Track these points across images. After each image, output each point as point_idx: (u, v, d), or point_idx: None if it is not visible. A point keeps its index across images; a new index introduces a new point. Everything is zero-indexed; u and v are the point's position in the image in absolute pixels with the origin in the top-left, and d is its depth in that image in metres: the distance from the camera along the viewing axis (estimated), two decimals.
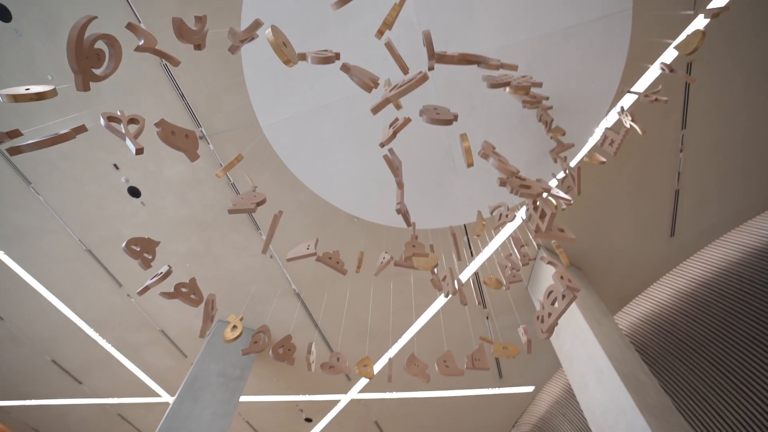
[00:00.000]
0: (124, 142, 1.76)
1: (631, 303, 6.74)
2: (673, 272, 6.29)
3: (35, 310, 6.84)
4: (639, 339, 6.49)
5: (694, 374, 5.51)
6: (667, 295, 6.32)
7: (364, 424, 8.38)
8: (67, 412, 9.07)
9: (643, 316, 6.57)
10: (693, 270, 6.11)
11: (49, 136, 1.56)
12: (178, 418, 5.23)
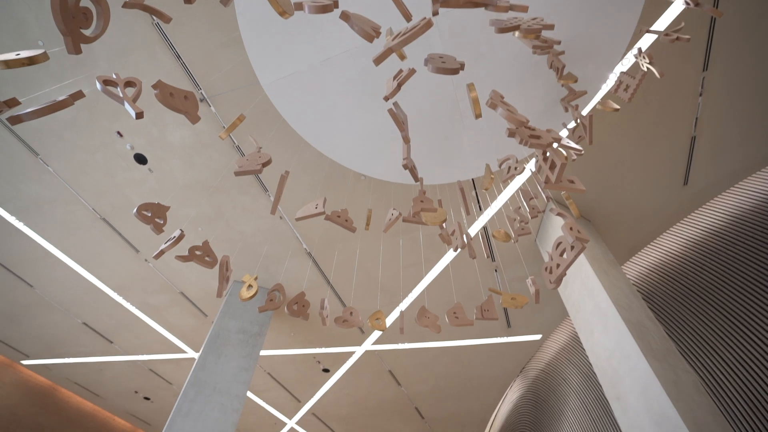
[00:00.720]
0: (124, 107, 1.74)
1: (640, 253, 6.76)
2: (684, 221, 6.24)
3: (61, 278, 7.14)
4: (646, 287, 6.58)
5: (699, 320, 5.63)
6: (676, 244, 6.31)
7: (379, 374, 8.87)
8: (102, 369, 9.74)
9: (650, 265, 6.61)
10: (704, 219, 6.04)
11: (48, 103, 1.53)
12: (205, 372, 5.58)
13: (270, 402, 10.15)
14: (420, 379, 9.00)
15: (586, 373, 7.46)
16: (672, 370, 3.91)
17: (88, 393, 10.94)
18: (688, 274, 5.98)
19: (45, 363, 9.79)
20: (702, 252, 5.94)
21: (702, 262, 5.88)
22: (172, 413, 5.10)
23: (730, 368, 5.10)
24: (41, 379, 10.51)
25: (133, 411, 11.50)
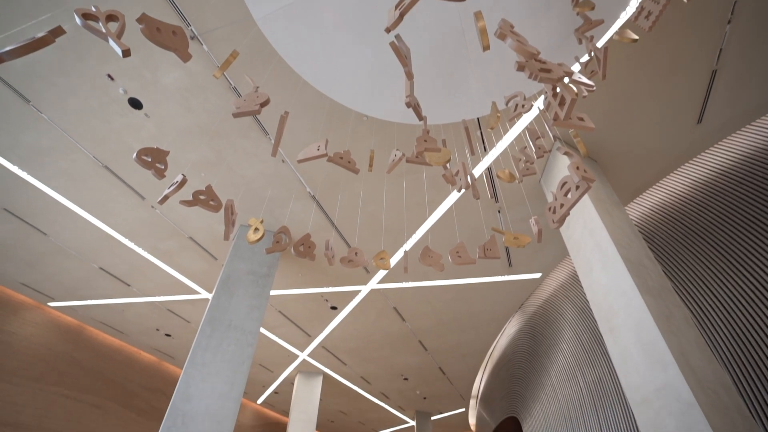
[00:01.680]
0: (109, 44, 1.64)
1: (644, 193, 6.72)
2: (692, 162, 6.12)
3: (72, 226, 7.31)
4: (648, 227, 6.64)
5: (697, 259, 5.74)
6: (682, 185, 6.25)
7: (384, 310, 9.34)
8: (124, 309, 10.33)
9: (654, 206, 6.61)
10: (714, 159, 5.91)
11: (27, 40, 1.45)
12: (219, 311, 5.90)
13: (282, 337, 10.84)
14: (423, 314, 9.49)
15: (581, 308, 7.81)
16: (665, 305, 4.07)
17: (113, 331, 11.71)
18: (691, 214, 5.99)
19: (70, 305, 10.36)
20: (707, 192, 5.90)
21: (706, 202, 5.86)
22: (193, 348, 5.48)
23: (720, 303, 5.30)
24: (69, 319, 11.20)
25: (156, 346, 12.38)
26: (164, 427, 4.78)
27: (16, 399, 9.74)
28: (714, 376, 3.64)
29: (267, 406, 17.16)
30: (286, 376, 13.46)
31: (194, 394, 5.11)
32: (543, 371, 9.15)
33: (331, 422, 18.77)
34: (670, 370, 3.51)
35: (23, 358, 10.02)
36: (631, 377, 3.98)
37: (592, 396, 7.09)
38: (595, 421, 6.86)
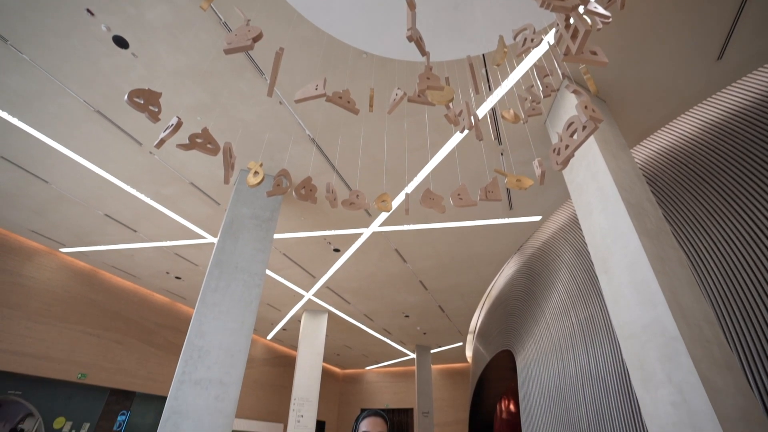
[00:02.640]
0: None
1: (652, 136, 6.55)
2: (706, 102, 5.87)
3: (72, 173, 7.27)
4: (652, 170, 6.56)
5: (698, 203, 5.74)
6: (692, 126, 6.06)
7: (386, 252, 9.59)
8: (133, 254, 10.63)
9: (661, 148, 6.47)
10: (728, 99, 5.66)
11: None
12: (225, 254, 6.07)
13: (288, 278, 11.27)
14: (424, 256, 9.76)
15: (578, 250, 7.99)
16: (661, 247, 4.15)
17: (125, 274, 12.16)
18: (698, 157, 5.88)
19: (81, 251, 10.66)
20: (718, 134, 5.73)
21: (715, 145, 5.71)
22: (202, 289, 5.72)
23: (715, 244, 5.40)
24: (82, 264, 11.59)
25: (167, 288, 12.93)
26: (182, 360, 5.15)
27: (44, 336, 10.41)
28: (700, 312, 3.81)
29: (276, 341, 18.34)
30: (293, 315, 14.21)
31: (207, 331, 5.43)
32: (538, 309, 9.60)
33: (337, 355, 20.17)
34: (659, 308, 3.67)
35: (44, 299, 10.54)
36: (622, 314, 4.18)
37: (583, 331, 7.50)
38: (584, 354, 7.33)
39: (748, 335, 4.79)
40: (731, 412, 3.19)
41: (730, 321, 5.00)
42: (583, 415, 7.09)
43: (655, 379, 3.67)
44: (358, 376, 23.50)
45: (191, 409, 4.92)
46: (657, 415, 3.64)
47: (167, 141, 2.18)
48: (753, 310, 4.80)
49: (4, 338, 9.59)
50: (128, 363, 12.35)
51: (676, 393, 3.42)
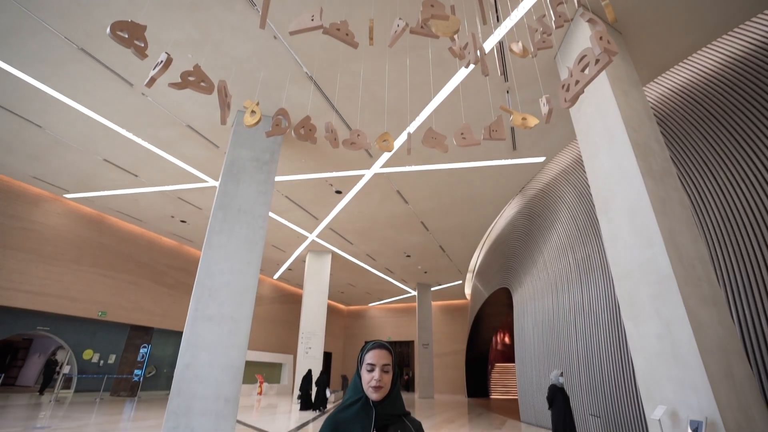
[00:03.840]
0: None
1: (668, 72, 6.20)
2: (732, 33, 5.46)
3: (65, 117, 7.07)
4: (664, 109, 6.30)
5: (708, 144, 5.57)
6: (713, 61, 5.69)
7: (388, 193, 9.62)
8: (137, 199, 10.70)
9: (676, 86, 6.15)
10: (754, 30, 5.25)
11: None
12: (227, 197, 6.10)
13: (291, 220, 11.44)
14: (426, 197, 9.80)
15: (580, 192, 7.98)
16: (664, 189, 4.12)
17: (132, 219, 12.35)
18: (715, 95, 5.61)
19: (85, 196, 10.73)
20: (741, 69, 5.39)
21: (736, 81, 5.41)
22: (208, 232, 5.83)
23: (719, 187, 5.35)
24: (88, 209, 11.73)
25: (174, 232, 13.20)
26: (194, 299, 5.41)
27: (62, 278, 10.86)
28: (695, 252, 3.89)
29: (283, 280, 19.11)
30: (298, 255, 14.65)
31: (215, 272, 5.63)
32: (536, 249, 9.83)
33: (341, 293, 21.13)
34: (656, 248, 3.74)
35: (57, 243, 10.84)
36: (619, 254, 4.27)
37: (579, 271, 7.75)
38: (579, 291, 7.64)
39: (738, 273, 4.94)
40: (711, 343, 3.39)
41: (723, 259, 5.12)
42: (573, 346, 7.57)
43: (644, 314, 3.85)
44: (362, 312, 24.82)
45: (206, 342, 5.27)
46: (642, 346, 3.88)
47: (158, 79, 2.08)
48: (747, 249, 4.90)
49: (25, 280, 10.02)
50: (144, 302, 13.01)
51: (663, 326, 3.61)
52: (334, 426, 1.08)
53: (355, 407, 1.11)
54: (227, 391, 5.14)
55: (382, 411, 1.10)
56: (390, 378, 1.13)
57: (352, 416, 1.09)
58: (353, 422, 1.08)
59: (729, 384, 3.26)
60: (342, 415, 1.10)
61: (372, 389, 1.10)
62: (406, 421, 1.14)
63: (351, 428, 1.07)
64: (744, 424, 3.13)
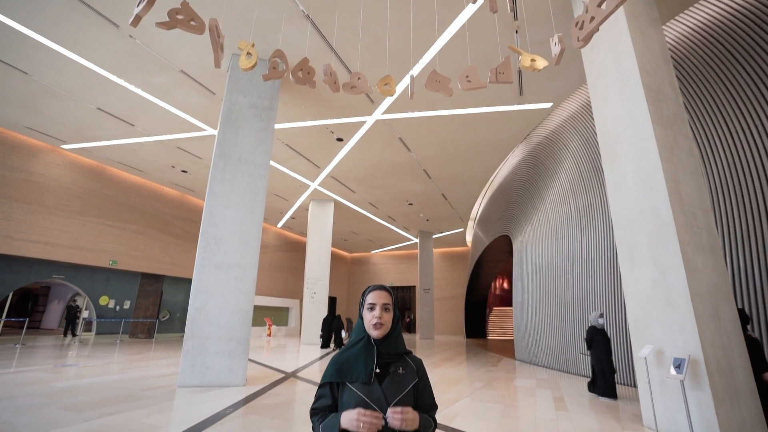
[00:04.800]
0: None
1: (691, 8, 5.75)
2: None
3: (51, 62, 6.76)
4: (682, 51, 5.93)
5: (725, 88, 5.30)
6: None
7: (390, 141, 9.44)
8: (136, 149, 10.56)
9: (698, 24, 5.73)
10: None
11: None
12: (227, 146, 6.00)
13: (293, 169, 11.36)
14: (428, 144, 9.62)
15: (586, 139, 7.80)
16: (672, 135, 4.01)
17: (133, 170, 12.28)
18: (740, 35, 5.23)
19: (83, 147, 10.57)
20: None
21: (763, 18, 5.03)
22: (209, 181, 5.81)
23: (730, 135, 5.20)
24: (87, 160, 11.62)
25: (176, 182, 13.18)
26: (200, 247, 5.54)
27: (69, 228, 11.05)
28: (698, 201, 3.88)
29: (286, 229, 19.42)
30: (301, 204, 14.75)
31: (219, 221, 5.70)
32: (538, 197, 9.82)
33: (344, 240, 21.55)
34: (659, 196, 3.73)
35: (60, 194, 10.89)
36: (621, 202, 4.27)
37: (580, 218, 7.80)
38: (578, 238, 7.75)
39: (738, 222, 4.96)
40: (703, 288, 3.50)
41: (725, 207, 5.12)
42: (569, 290, 7.84)
43: (641, 260, 3.94)
44: (365, 258, 25.50)
45: (215, 289, 5.48)
46: (636, 290, 4.01)
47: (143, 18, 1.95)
48: (750, 198, 4.87)
49: (33, 231, 10.21)
50: (152, 251, 13.34)
51: (658, 272, 3.71)
52: (339, 364, 1.14)
53: (358, 346, 1.15)
54: (238, 333, 5.44)
55: (384, 350, 1.15)
56: (390, 317, 1.17)
57: (355, 355, 1.14)
58: (356, 360, 1.12)
59: (714, 326, 3.41)
60: (346, 354, 1.15)
61: (373, 327, 1.14)
62: (407, 359, 1.19)
63: (355, 366, 1.12)
64: (723, 361, 3.32)
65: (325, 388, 1.14)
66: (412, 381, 1.15)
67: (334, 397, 1.12)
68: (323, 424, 1.08)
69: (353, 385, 1.09)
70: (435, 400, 1.21)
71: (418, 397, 1.15)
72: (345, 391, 1.10)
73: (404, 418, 1.01)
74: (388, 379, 1.12)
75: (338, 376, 1.12)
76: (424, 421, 1.09)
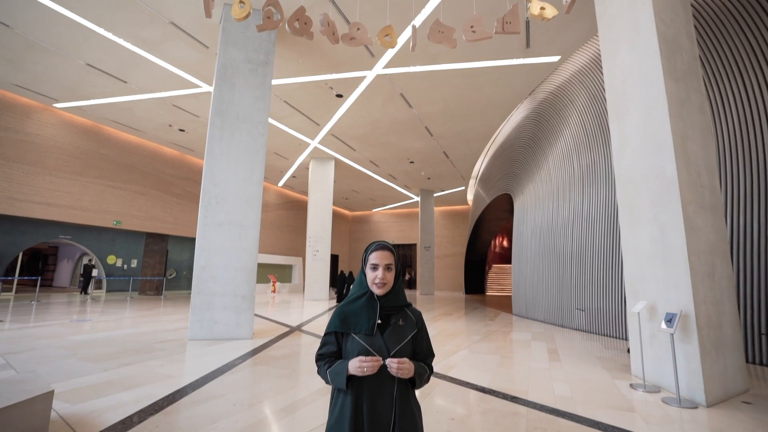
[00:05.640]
0: None
1: None
2: None
3: (33, 14, 6.41)
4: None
5: (744, 40, 5.02)
6: None
7: (391, 97, 9.16)
8: (130, 107, 10.29)
9: None
10: None
11: None
12: (224, 103, 5.84)
13: (292, 127, 11.14)
14: (431, 101, 9.35)
15: (593, 95, 7.53)
16: (685, 90, 3.87)
17: (129, 129, 12.04)
18: None
19: (76, 105, 10.29)
20: None
21: None
22: (208, 140, 5.72)
23: (744, 90, 5.00)
24: (82, 119, 11.37)
25: (174, 141, 12.98)
26: (202, 206, 5.56)
27: (71, 189, 11.05)
28: (704, 159, 3.81)
29: (287, 187, 19.40)
30: (301, 162, 14.61)
31: (220, 180, 5.68)
32: (541, 155, 9.68)
33: (345, 199, 21.59)
34: (665, 154, 3.66)
35: (57, 155, 10.77)
36: (626, 159, 4.20)
37: (582, 177, 7.73)
38: (580, 197, 7.72)
39: (743, 180, 4.91)
40: (701, 246, 3.53)
41: (731, 166, 5.05)
42: (568, 248, 7.95)
43: (642, 219, 3.95)
44: (366, 217, 25.68)
45: (218, 247, 5.57)
46: (635, 249, 4.06)
47: None
48: (758, 156, 4.79)
49: (35, 192, 10.23)
50: (155, 211, 13.42)
51: (657, 231, 3.73)
52: (343, 316, 1.20)
53: (361, 300, 1.21)
54: (243, 290, 5.61)
55: (386, 303, 1.20)
56: (392, 275, 1.21)
57: (358, 309, 1.19)
58: (359, 313, 1.19)
59: (709, 282, 3.48)
60: (349, 307, 1.21)
61: (376, 286, 1.19)
62: (407, 311, 1.25)
63: (358, 319, 1.18)
64: (714, 316, 3.43)
65: (331, 336, 1.21)
66: (412, 332, 1.21)
67: (338, 345, 1.20)
68: (331, 369, 1.16)
69: (357, 335, 1.16)
70: (432, 349, 1.28)
71: (417, 346, 1.23)
72: (349, 340, 1.18)
73: (400, 368, 1.09)
74: (389, 329, 1.18)
75: (342, 326, 1.19)
76: (419, 369, 1.17)
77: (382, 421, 1.10)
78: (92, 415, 2.59)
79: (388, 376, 1.12)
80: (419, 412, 1.20)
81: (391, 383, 1.13)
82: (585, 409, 2.97)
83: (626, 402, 3.20)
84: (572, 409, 2.96)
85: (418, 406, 1.20)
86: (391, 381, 1.13)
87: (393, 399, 1.12)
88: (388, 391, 1.13)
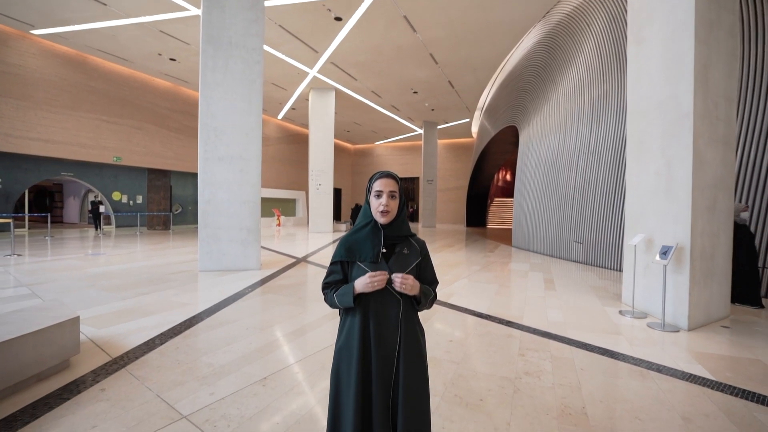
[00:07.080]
0: None
1: None
2: None
3: None
4: None
5: None
6: None
7: (393, 20, 8.47)
8: (115, 34, 9.60)
9: None
10: None
11: None
12: (214, 28, 5.44)
13: (289, 54, 10.49)
14: (436, 24, 8.67)
15: (613, 17, 6.92)
16: (717, 9, 3.55)
17: (116, 58, 11.36)
18: None
19: (55, 32, 9.60)
20: None
21: None
22: (201, 69, 5.44)
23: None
24: (64, 48, 10.68)
25: (165, 71, 12.32)
26: (201, 141, 5.46)
27: (65, 125, 10.78)
28: (723, 89, 3.61)
29: (287, 120, 18.84)
30: (300, 93, 14.02)
31: (217, 112, 5.51)
32: (551, 85, 9.18)
33: (347, 132, 21.07)
34: (683, 84, 3.46)
35: (45, 88, 10.32)
36: (642, 90, 4.00)
37: (592, 110, 7.40)
38: (587, 130, 7.48)
39: (760, 113, 4.70)
40: (707, 181, 3.49)
41: (751, 95, 4.80)
42: (571, 183, 7.91)
43: (650, 152, 3.86)
44: (368, 150, 25.27)
45: (221, 181, 5.58)
46: (638, 182, 4.03)
47: None
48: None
49: (29, 128, 9.99)
50: (153, 146, 13.21)
51: (664, 165, 3.67)
52: (349, 245, 1.23)
53: (366, 230, 1.23)
54: (248, 223, 5.74)
55: (390, 233, 1.23)
56: (396, 204, 1.23)
57: (363, 237, 1.22)
58: (364, 242, 1.21)
59: (708, 216, 3.51)
60: (354, 236, 1.23)
61: (380, 214, 1.20)
62: (411, 240, 1.28)
63: (362, 247, 1.21)
64: (708, 248, 3.50)
65: (337, 266, 1.25)
66: (416, 259, 1.25)
67: (344, 273, 1.24)
68: (337, 292, 1.20)
69: (362, 263, 1.20)
70: (436, 276, 1.33)
71: (421, 274, 1.27)
72: (354, 268, 1.21)
73: (404, 282, 1.14)
74: (393, 257, 1.22)
75: (348, 255, 1.22)
76: (425, 290, 1.22)
77: (388, 341, 1.17)
78: (117, 337, 2.81)
79: (393, 299, 1.18)
80: (423, 333, 1.27)
81: (396, 306, 1.19)
82: (575, 333, 3.19)
83: (614, 326, 3.42)
84: (563, 333, 3.18)
85: (421, 327, 1.27)
86: (396, 303, 1.19)
87: (399, 320, 1.18)
88: (393, 313, 1.18)
